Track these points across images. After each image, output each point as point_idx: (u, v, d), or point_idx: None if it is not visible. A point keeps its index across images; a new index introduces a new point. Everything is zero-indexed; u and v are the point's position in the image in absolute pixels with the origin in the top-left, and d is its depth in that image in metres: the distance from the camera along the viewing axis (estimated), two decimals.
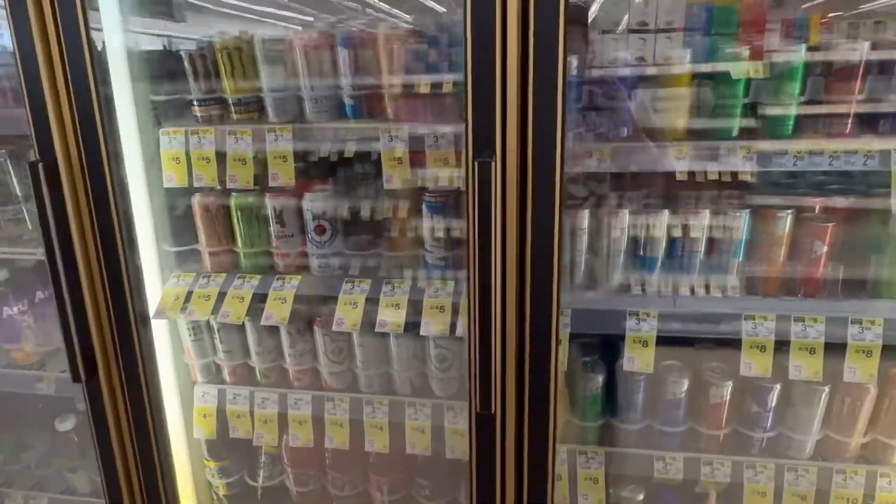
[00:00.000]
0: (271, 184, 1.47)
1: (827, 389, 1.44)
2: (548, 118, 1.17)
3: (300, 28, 1.59)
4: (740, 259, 1.45)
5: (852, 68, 1.29)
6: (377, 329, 1.49)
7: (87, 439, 1.70)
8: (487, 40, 1.15)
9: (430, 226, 1.51)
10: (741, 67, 1.30)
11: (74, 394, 1.77)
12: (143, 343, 1.55)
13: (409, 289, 1.53)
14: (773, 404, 1.48)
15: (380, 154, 1.44)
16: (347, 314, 1.52)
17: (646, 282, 1.49)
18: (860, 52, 1.27)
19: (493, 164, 1.16)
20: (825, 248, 1.40)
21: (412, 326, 1.51)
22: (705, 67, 1.34)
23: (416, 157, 1.45)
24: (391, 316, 1.50)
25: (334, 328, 1.52)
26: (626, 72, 1.38)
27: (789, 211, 1.39)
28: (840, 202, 1.45)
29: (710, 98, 1.36)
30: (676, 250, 1.47)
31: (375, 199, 1.56)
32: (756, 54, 1.30)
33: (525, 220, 1.25)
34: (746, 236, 1.43)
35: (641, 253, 1.48)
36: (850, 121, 1.32)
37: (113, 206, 1.42)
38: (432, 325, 1.48)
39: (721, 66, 1.33)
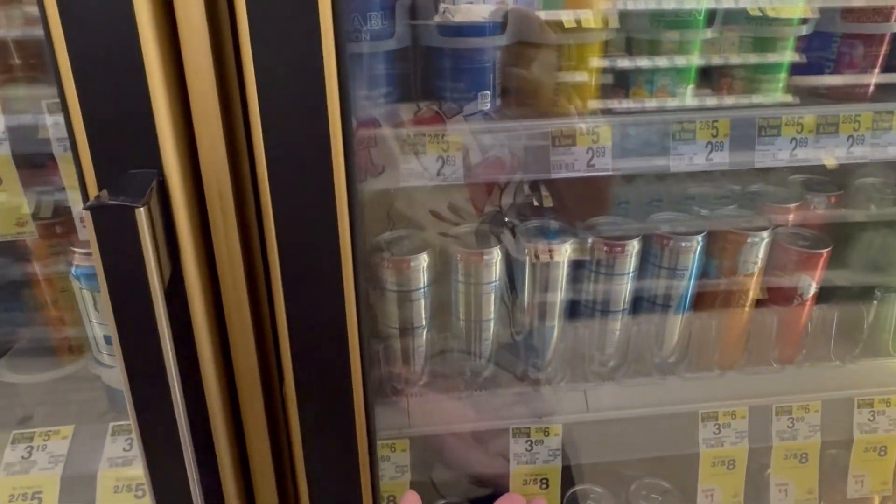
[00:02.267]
0: None
1: None
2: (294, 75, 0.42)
3: None
4: (684, 313, 0.85)
5: None
6: None
7: None
8: None
9: (94, 313, 0.70)
10: None
11: None
12: None
13: (69, 443, 0.72)
14: None
15: None
16: None
17: (538, 370, 0.84)
18: None
19: (139, 211, 0.38)
20: (814, 286, 0.84)
21: None
22: None
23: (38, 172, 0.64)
24: None
25: None
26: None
27: (766, 231, 0.80)
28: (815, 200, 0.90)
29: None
30: (581, 305, 0.83)
31: None
32: None
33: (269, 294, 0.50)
34: (696, 274, 0.82)
35: (528, 319, 0.82)
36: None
37: None
38: None
39: None
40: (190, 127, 0.44)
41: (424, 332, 0.80)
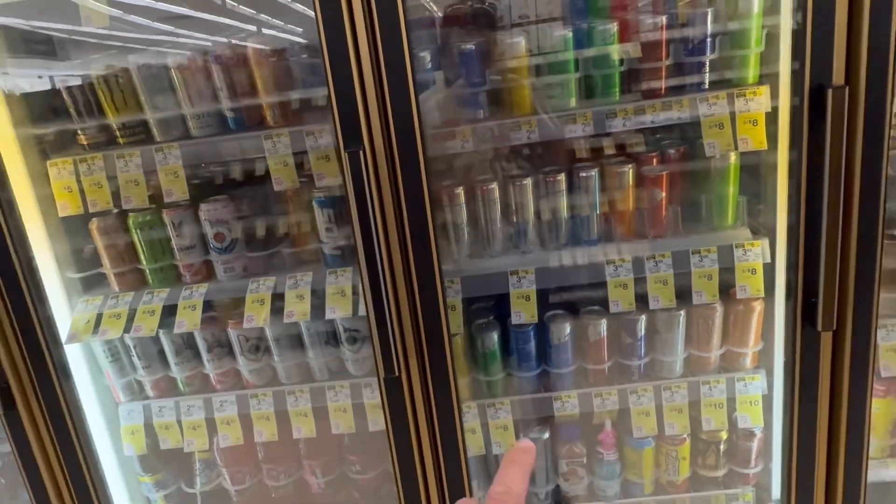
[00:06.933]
0: (166, 200, 1.57)
1: (683, 314, 1.68)
2: (403, 112, 1.34)
3: (177, 51, 1.69)
4: (597, 212, 1.66)
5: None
6: (285, 319, 1.61)
7: (16, 479, 1.72)
8: (340, 49, 1.31)
9: (323, 220, 1.64)
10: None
11: None
12: (59, 370, 1.61)
13: (311, 279, 1.66)
14: (643, 334, 1.70)
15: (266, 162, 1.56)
16: (256, 311, 1.63)
17: (523, 244, 1.69)
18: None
19: (360, 153, 1.30)
20: (663, 194, 1.64)
21: (321, 314, 1.64)
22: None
23: (299, 158, 1.59)
24: (298, 306, 1.62)
25: (245, 325, 1.62)
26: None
27: (629, 166, 1.62)
28: (670, 151, 1.69)
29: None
30: (543, 213, 1.67)
31: (269, 202, 1.68)
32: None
33: (401, 203, 1.41)
34: (599, 193, 1.64)
35: (515, 219, 1.67)
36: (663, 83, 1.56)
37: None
38: (337, 310, 1.61)
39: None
40: (370, 127, 1.37)
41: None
